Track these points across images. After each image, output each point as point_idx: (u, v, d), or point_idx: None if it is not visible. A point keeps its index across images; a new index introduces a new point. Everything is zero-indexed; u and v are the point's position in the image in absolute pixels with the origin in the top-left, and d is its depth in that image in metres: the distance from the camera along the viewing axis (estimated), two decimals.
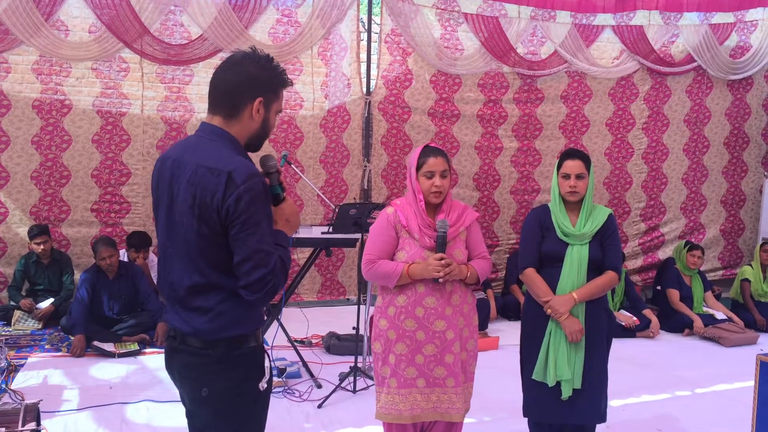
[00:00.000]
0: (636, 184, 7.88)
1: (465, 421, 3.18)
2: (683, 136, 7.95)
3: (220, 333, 2.03)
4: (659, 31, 7.56)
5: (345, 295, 7.23)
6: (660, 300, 6.81)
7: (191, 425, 2.25)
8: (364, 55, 7.03)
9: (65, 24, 6.15)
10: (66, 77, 6.23)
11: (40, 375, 4.71)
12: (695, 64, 7.69)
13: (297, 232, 3.55)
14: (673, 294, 6.55)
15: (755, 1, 7.57)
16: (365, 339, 4.77)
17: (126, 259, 6.04)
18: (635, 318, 6.32)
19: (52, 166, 6.28)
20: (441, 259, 2.90)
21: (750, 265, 6.99)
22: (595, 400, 3.25)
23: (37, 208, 6.28)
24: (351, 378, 4.55)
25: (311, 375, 4.75)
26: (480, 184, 7.49)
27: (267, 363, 2.15)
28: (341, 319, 5.93)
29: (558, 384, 3.21)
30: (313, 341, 5.66)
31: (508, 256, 7.46)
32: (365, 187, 7.10)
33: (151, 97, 6.46)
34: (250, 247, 1.94)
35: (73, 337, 5.23)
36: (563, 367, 3.18)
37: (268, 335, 4.92)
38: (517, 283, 6.84)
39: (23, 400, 3.99)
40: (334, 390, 4.44)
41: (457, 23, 7.17)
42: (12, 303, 5.95)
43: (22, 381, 4.57)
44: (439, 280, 2.92)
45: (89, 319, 5.35)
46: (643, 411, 4.46)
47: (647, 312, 6.46)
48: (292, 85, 2.19)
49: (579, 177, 3.23)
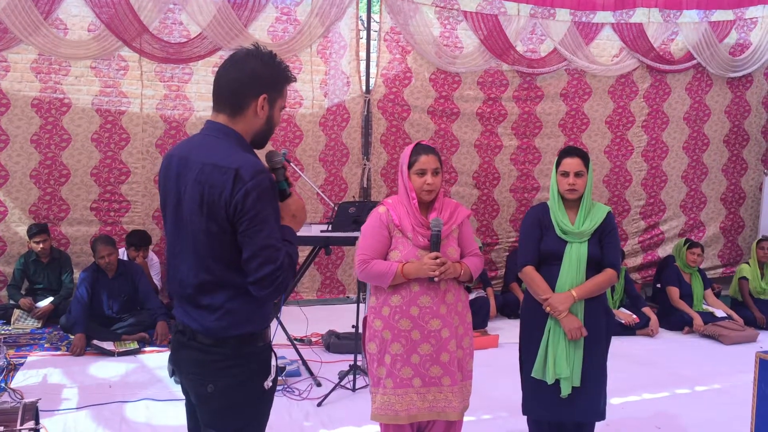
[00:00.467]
0: (636, 181, 7.88)
1: (465, 419, 3.17)
2: (683, 133, 7.95)
3: (229, 331, 2.04)
4: (659, 29, 7.56)
5: (344, 294, 7.23)
6: (660, 298, 6.81)
7: (191, 419, 2.26)
8: (363, 54, 7.02)
9: (64, 22, 6.14)
10: (65, 76, 6.22)
11: (39, 374, 4.71)
12: (695, 61, 7.69)
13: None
14: (673, 292, 6.55)
15: None
16: (362, 340, 4.76)
17: (125, 258, 6.04)
18: (635, 316, 6.32)
19: (51, 164, 6.28)
20: (436, 258, 2.90)
21: (747, 263, 6.98)
22: (595, 397, 3.26)
23: (37, 206, 6.28)
24: (350, 376, 4.55)
25: (311, 373, 4.76)
26: (479, 182, 7.48)
27: (273, 362, 2.16)
28: (341, 318, 5.92)
29: (557, 382, 3.21)
30: (313, 340, 5.66)
31: (507, 254, 7.46)
32: (365, 186, 7.10)
33: (151, 96, 6.46)
34: (258, 244, 1.95)
35: (73, 336, 5.23)
36: (562, 365, 3.18)
37: None
38: (517, 281, 6.83)
39: (22, 398, 4.00)
40: (333, 388, 4.44)
41: (457, 21, 7.16)
42: (11, 302, 5.96)
43: (21, 380, 4.57)
44: (435, 279, 2.91)
45: (89, 318, 5.34)
46: (643, 409, 4.46)
47: (647, 310, 6.46)
48: (295, 81, 2.19)
49: (578, 175, 3.23)
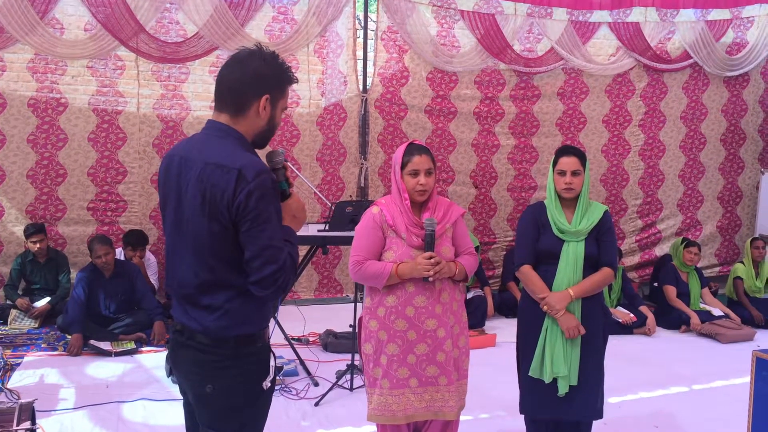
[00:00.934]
0: (633, 181, 7.89)
1: (462, 419, 3.18)
2: (680, 132, 7.96)
3: (228, 331, 2.04)
4: (655, 28, 7.57)
5: (342, 293, 7.23)
6: (657, 297, 6.82)
7: (189, 419, 2.26)
8: (360, 53, 7.02)
9: (60, 22, 6.13)
10: (61, 75, 6.21)
11: (36, 374, 4.70)
12: (691, 60, 7.69)
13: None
14: (670, 291, 6.56)
15: None
16: (357, 341, 4.76)
17: (122, 258, 6.03)
18: (632, 315, 6.32)
19: (47, 164, 6.27)
20: (430, 258, 2.89)
21: (742, 263, 6.99)
22: (592, 396, 3.26)
23: (33, 206, 6.27)
24: (348, 376, 4.55)
25: (308, 373, 4.75)
26: (477, 181, 7.48)
27: (272, 362, 2.16)
28: (338, 317, 5.91)
29: (555, 381, 3.21)
30: (310, 339, 5.66)
31: (504, 253, 7.46)
32: (362, 185, 7.10)
33: (147, 95, 6.45)
34: (260, 244, 1.95)
35: (70, 336, 5.22)
36: (560, 364, 3.18)
37: None
38: (514, 280, 6.83)
39: (19, 399, 3.99)
40: (331, 388, 4.44)
41: (454, 20, 7.16)
42: (8, 302, 5.95)
43: (18, 380, 4.56)
44: (429, 279, 2.90)
45: (86, 318, 5.33)
46: (640, 407, 4.47)
47: (644, 309, 6.46)
48: (297, 82, 2.19)
49: (575, 174, 3.23)
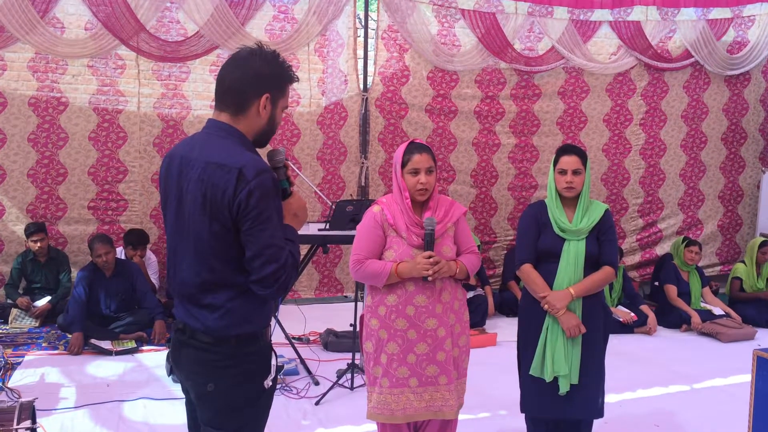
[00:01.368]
0: (633, 180, 7.88)
1: (463, 418, 3.18)
2: (681, 131, 7.95)
3: (230, 330, 2.05)
4: (656, 27, 7.56)
5: (342, 292, 7.22)
6: (658, 296, 6.81)
7: (191, 418, 2.26)
8: (360, 52, 7.02)
9: (61, 21, 6.13)
10: (62, 75, 6.21)
11: (37, 373, 4.70)
12: (692, 59, 7.68)
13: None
14: (671, 290, 6.55)
15: None
16: (359, 339, 4.77)
17: (123, 257, 6.03)
18: (633, 314, 6.32)
19: (48, 163, 6.27)
20: (429, 257, 2.88)
21: (743, 262, 6.97)
22: (592, 395, 3.26)
23: (34, 205, 6.27)
24: (348, 375, 4.55)
25: (309, 372, 4.75)
26: (477, 180, 7.48)
27: (273, 361, 2.16)
28: (339, 316, 5.92)
29: (555, 379, 3.21)
30: (311, 338, 5.66)
31: (505, 252, 7.45)
32: (362, 184, 7.09)
33: (148, 95, 6.44)
34: (261, 243, 1.96)
35: (70, 335, 5.22)
36: (560, 363, 3.18)
37: None
38: (515, 280, 6.83)
39: (19, 398, 3.99)
40: (331, 387, 4.44)
41: (454, 19, 7.15)
42: (9, 301, 5.95)
43: (19, 379, 4.57)
44: (428, 278, 2.90)
45: (86, 317, 5.33)
46: (641, 406, 4.47)
47: (644, 308, 6.46)
48: (298, 81, 2.19)
49: (575, 173, 3.23)
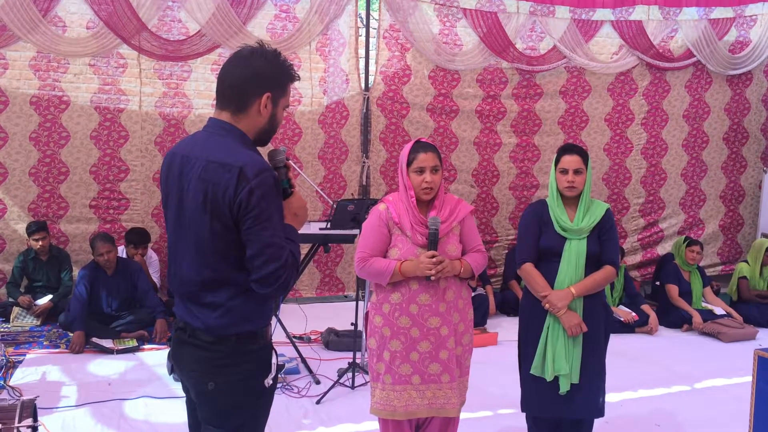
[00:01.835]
0: (635, 179, 7.87)
1: (464, 417, 3.19)
2: (682, 131, 7.94)
3: (230, 329, 2.05)
4: (658, 26, 7.55)
5: (343, 291, 7.22)
6: (659, 295, 6.81)
7: (192, 417, 2.26)
8: (362, 51, 7.02)
9: (63, 20, 6.13)
10: (64, 73, 6.22)
11: (38, 371, 4.71)
12: (694, 59, 7.67)
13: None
14: (672, 289, 6.55)
15: None
16: (363, 335, 4.76)
17: (125, 256, 6.03)
18: (634, 313, 6.31)
19: (50, 162, 6.27)
20: (432, 257, 2.89)
21: (746, 262, 6.96)
22: (593, 394, 3.26)
23: (36, 204, 6.27)
24: (349, 374, 4.56)
25: (310, 371, 4.76)
26: (479, 180, 7.48)
27: (274, 359, 2.17)
28: (340, 315, 5.93)
29: (556, 379, 3.22)
30: (312, 337, 5.66)
31: (506, 251, 7.45)
32: (364, 183, 7.09)
33: (149, 93, 6.45)
34: (262, 242, 1.96)
35: (72, 334, 5.23)
36: (561, 362, 3.18)
37: None
38: (516, 279, 6.82)
39: (21, 396, 4.00)
40: (332, 386, 4.45)
41: (456, 18, 7.15)
42: (10, 300, 5.95)
43: (20, 377, 4.57)
44: (431, 278, 2.90)
45: (88, 316, 5.34)
46: (641, 406, 4.47)
47: (646, 307, 6.46)
48: (299, 80, 2.19)
49: (577, 172, 3.23)
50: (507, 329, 5.88)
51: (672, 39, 7.68)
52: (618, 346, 4.55)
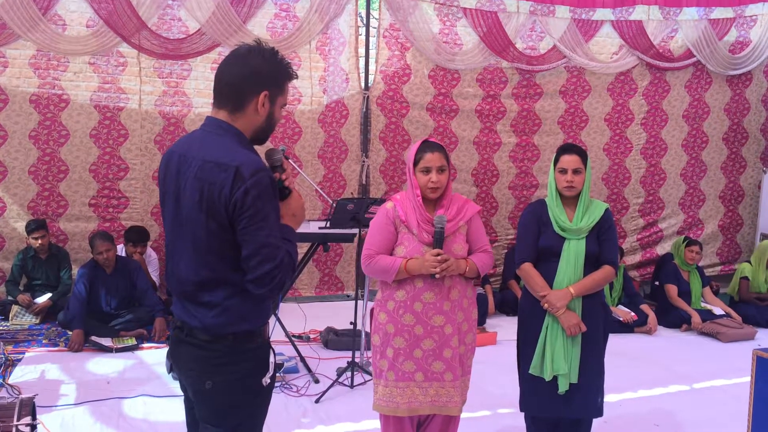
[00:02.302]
0: (634, 179, 7.88)
1: (463, 416, 3.19)
2: (682, 131, 7.94)
3: (227, 328, 2.05)
4: (658, 26, 7.55)
5: (343, 291, 7.22)
6: (658, 295, 6.81)
7: (190, 416, 2.27)
8: (362, 50, 7.02)
9: (62, 18, 6.13)
10: (63, 72, 6.21)
11: (37, 369, 4.71)
12: (694, 59, 7.67)
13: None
14: (671, 289, 6.55)
15: None
16: (363, 334, 4.78)
17: (124, 254, 6.03)
18: (633, 313, 6.31)
19: (49, 160, 6.27)
20: (437, 255, 2.90)
21: (749, 262, 6.96)
22: (592, 394, 3.26)
23: (35, 202, 6.27)
24: (348, 373, 4.56)
25: (309, 370, 4.76)
26: (478, 179, 7.48)
27: (271, 358, 2.16)
28: (339, 315, 5.93)
29: (555, 378, 3.22)
30: (311, 336, 5.66)
31: (506, 251, 7.45)
32: (363, 182, 7.09)
33: (149, 92, 6.44)
34: (257, 242, 1.95)
35: (71, 332, 5.23)
36: (560, 362, 3.18)
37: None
38: (515, 279, 6.83)
39: (20, 394, 4.00)
40: (331, 385, 4.45)
41: (456, 18, 7.15)
42: (9, 298, 5.96)
43: (19, 375, 4.57)
44: (436, 275, 2.91)
45: (87, 314, 5.33)
46: (640, 406, 4.47)
47: (645, 307, 6.46)
48: (297, 78, 2.18)
49: (576, 172, 3.23)
50: (506, 329, 5.88)
51: (672, 39, 7.68)
52: (617, 345, 4.56)
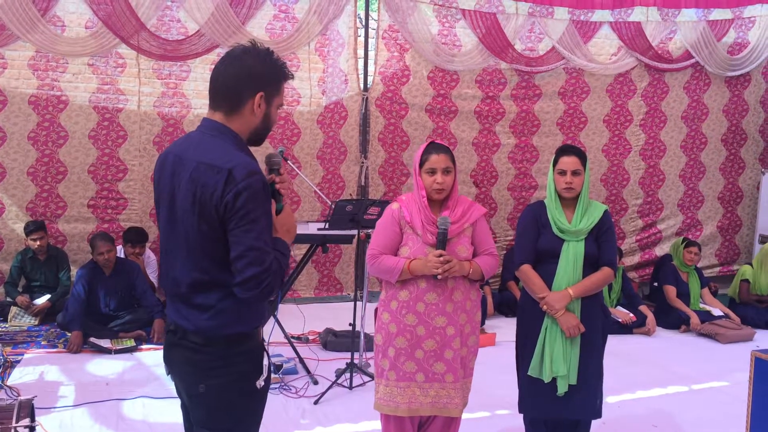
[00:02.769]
0: (633, 180, 7.88)
1: (462, 417, 3.18)
2: (681, 132, 7.95)
3: (221, 330, 2.03)
4: (657, 28, 7.56)
5: (342, 292, 7.23)
6: (657, 296, 6.81)
7: (187, 419, 2.26)
8: (361, 51, 7.02)
9: (62, 19, 6.13)
10: (62, 73, 6.21)
11: (36, 371, 4.70)
12: (693, 60, 7.69)
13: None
14: (670, 290, 6.55)
15: None
16: (362, 335, 4.78)
17: (123, 255, 6.03)
18: (632, 314, 6.32)
19: (48, 162, 6.27)
20: (440, 256, 2.91)
21: (750, 264, 6.96)
22: (591, 396, 3.26)
23: (34, 204, 6.27)
24: (347, 374, 4.56)
25: (307, 371, 4.76)
26: (477, 180, 7.48)
27: (266, 361, 2.15)
28: (338, 316, 5.92)
29: (554, 380, 3.21)
30: (310, 337, 5.66)
31: (505, 252, 7.45)
32: (362, 184, 7.10)
33: (148, 93, 6.45)
34: (245, 244, 1.92)
35: (70, 334, 5.22)
36: (559, 363, 3.18)
37: (264, 331, 4.90)
38: (514, 280, 6.83)
39: (18, 396, 3.99)
40: (330, 386, 4.45)
41: (455, 19, 7.15)
42: (8, 299, 5.95)
43: (18, 377, 4.57)
44: (438, 276, 2.92)
45: (85, 316, 5.33)
46: (639, 407, 4.47)
47: (643, 308, 6.46)
48: (293, 79, 2.17)
49: (575, 173, 3.23)
50: (505, 330, 5.88)
51: (671, 40, 7.69)
52: (616, 347, 4.56)
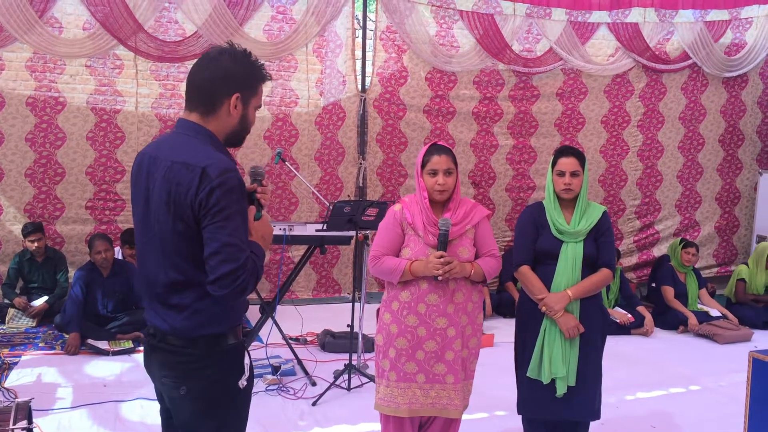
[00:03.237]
0: (631, 181, 7.89)
1: (461, 418, 3.18)
2: (678, 133, 7.96)
3: (198, 330, 2.02)
4: (654, 29, 7.57)
5: (340, 293, 7.23)
6: (655, 297, 6.82)
7: (166, 424, 2.25)
8: (359, 52, 7.02)
9: (59, 21, 6.12)
10: (60, 74, 6.21)
11: (33, 373, 4.69)
12: (690, 61, 7.70)
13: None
14: (668, 291, 6.56)
15: None
16: (360, 336, 4.78)
17: (121, 257, 6.02)
18: (630, 315, 6.32)
19: (46, 163, 6.26)
20: (441, 257, 2.91)
21: (746, 264, 6.97)
22: (590, 396, 3.26)
23: (31, 205, 6.26)
24: (345, 375, 4.55)
25: (306, 372, 4.75)
26: (475, 181, 7.48)
27: (247, 360, 2.14)
28: (336, 317, 5.92)
29: (552, 381, 3.21)
30: (308, 339, 5.65)
31: (503, 253, 7.44)
32: (360, 185, 7.10)
33: (146, 95, 6.44)
34: (220, 240, 1.90)
35: (67, 335, 5.21)
36: (558, 364, 3.18)
37: (262, 333, 4.91)
38: (512, 281, 6.83)
39: (16, 398, 3.98)
40: (328, 387, 4.44)
41: (453, 20, 7.16)
42: (6, 301, 5.94)
43: (15, 379, 4.56)
44: (438, 278, 2.92)
45: (83, 317, 5.32)
46: (638, 408, 4.48)
47: (642, 309, 6.46)
48: (270, 80, 2.16)
49: (573, 174, 3.24)
50: (503, 331, 5.89)
51: (668, 41, 7.70)
52: (614, 347, 4.56)
